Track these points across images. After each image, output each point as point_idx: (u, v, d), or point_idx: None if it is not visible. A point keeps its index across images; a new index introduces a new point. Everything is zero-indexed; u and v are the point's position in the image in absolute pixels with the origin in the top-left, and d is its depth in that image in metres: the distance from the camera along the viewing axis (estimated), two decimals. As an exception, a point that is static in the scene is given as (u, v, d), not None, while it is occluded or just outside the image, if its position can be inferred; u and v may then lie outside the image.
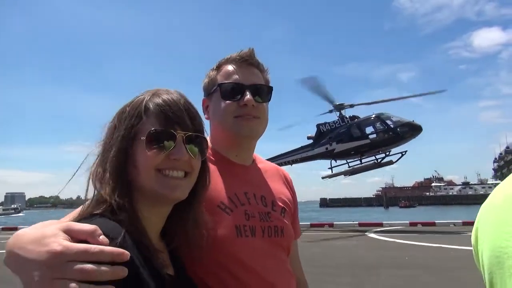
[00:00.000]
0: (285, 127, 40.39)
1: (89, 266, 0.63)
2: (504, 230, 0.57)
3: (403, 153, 22.54)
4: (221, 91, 1.19)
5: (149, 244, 0.80)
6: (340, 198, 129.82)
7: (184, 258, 0.98)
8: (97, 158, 0.89)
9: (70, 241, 0.66)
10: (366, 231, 17.53)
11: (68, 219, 0.85)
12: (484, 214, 0.66)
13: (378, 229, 18.49)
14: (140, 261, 0.72)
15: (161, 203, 0.89)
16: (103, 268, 0.64)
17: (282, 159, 24.49)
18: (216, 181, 1.08)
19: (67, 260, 0.63)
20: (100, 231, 0.68)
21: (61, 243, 0.65)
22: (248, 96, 1.16)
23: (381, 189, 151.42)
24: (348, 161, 23.54)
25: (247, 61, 1.22)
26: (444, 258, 9.52)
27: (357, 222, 22.05)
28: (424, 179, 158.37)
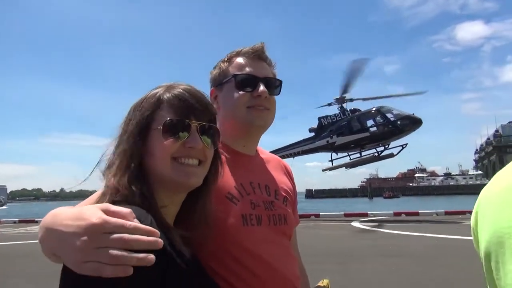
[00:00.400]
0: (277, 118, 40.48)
1: (127, 235, 0.68)
2: (506, 212, 0.59)
3: (404, 146, 22.83)
4: (235, 81, 1.24)
5: (170, 229, 0.84)
6: (325, 189, 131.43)
7: (192, 245, 0.99)
8: (115, 148, 0.92)
9: None
10: (351, 221, 17.80)
11: None
12: (485, 198, 0.68)
13: (364, 219, 18.81)
14: (164, 241, 0.75)
15: (177, 190, 0.94)
16: (140, 237, 0.69)
17: (284, 151, 24.94)
18: (224, 172, 1.10)
19: (105, 232, 0.68)
20: (134, 215, 0.73)
21: (100, 216, 0.69)
22: (262, 87, 1.21)
23: (366, 180, 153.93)
24: (349, 153, 23.81)
25: (259, 55, 1.27)
26: (427, 246, 9.74)
27: (342, 213, 22.42)
28: (408, 170, 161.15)
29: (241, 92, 1.23)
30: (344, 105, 24.08)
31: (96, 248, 0.67)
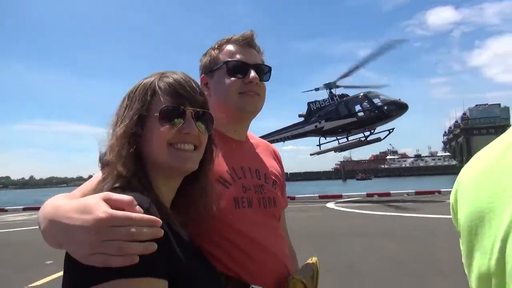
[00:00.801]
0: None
1: (133, 228, 0.70)
2: (485, 190, 0.64)
3: (391, 130, 23.41)
4: (227, 68, 1.26)
5: (169, 213, 0.87)
6: (300, 172, 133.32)
7: (188, 228, 1.02)
8: (112, 135, 0.93)
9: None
10: (326, 202, 18.21)
11: (80, 194, 0.90)
12: (465, 177, 0.73)
13: (338, 201, 19.25)
14: (164, 227, 0.78)
15: (173, 175, 0.96)
16: (145, 229, 0.72)
17: (275, 136, 25.50)
18: (216, 156, 1.12)
19: (111, 225, 0.70)
20: (135, 202, 0.75)
21: (105, 210, 0.71)
22: (253, 73, 1.24)
23: (339, 162, 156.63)
24: (338, 138, 24.35)
25: (248, 42, 1.30)
26: (399, 225, 10.12)
27: (317, 195, 22.84)
28: (380, 152, 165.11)
29: (232, 79, 1.25)
30: (333, 90, 24.62)
31: (103, 241, 0.69)
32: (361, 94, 23.53)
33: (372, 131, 23.49)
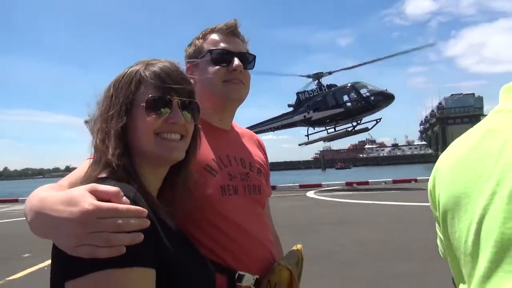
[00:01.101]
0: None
1: (120, 221, 0.71)
2: (461, 177, 0.68)
3: (378, 120, 23.80)
4: (211, 56, 1.27)
5: (155, 203, 0.88)
6: (280, 162, 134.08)
7: (175, 216, 1.03)
8: (96, 126, 0.93)
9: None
10: (306, 191, 18.45)
11: (67, 184, 0.90)
12: (443, 165, 0.76)
13: (318, 190, 19.52)
14: (151, 216, 0.79)
15: (159, 165, 0.97)
16: (132, 220, 0.72)
17: (264, 126, 25.91)
18: (202, 145, 1.13)
19: (98, 217, 0.70)
20: (122, 193, 0.75)
21: (92, 202, 0.71)
22: (237, 61, 1.26)
23: (319, 152, 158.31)
24: (327, 128, 24.69)
25: (232, 31, 1.31)
26: (378, 213, 10.36)
27: (298, 184, 23.06)
28: (359, 141, 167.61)
29: (216, 67, 1.26)
30: (321, 80, 24.88)
31: (90, 233, 0.70)
32: (349, 84, 23.77)
33: (359, 121, 23.81)
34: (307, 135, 25.39)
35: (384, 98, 22.84)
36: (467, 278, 0.65)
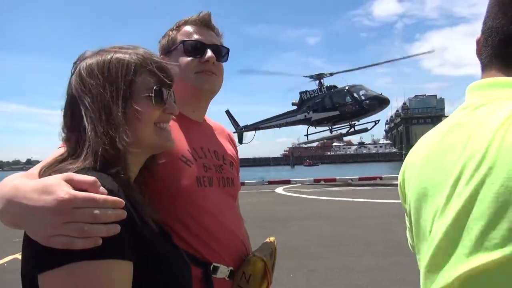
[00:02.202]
0: (245, 70, 42.80)
1: (97, 210, 0.69)
2: (428, 171, 0.72)
3: (377, 121, 25.22)
4: (184, 47, 1.27)
5: (135, 195, 0.85)
6: (249, 158, 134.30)
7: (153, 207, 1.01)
8: (88, 114, 0.86)
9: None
10: (275, 188, 18.59)
11: (38, 173, 0.84)
12: (411, 160, 0.81)
13: (287, 186, 19.75)
14: (128, 207, 0.77)
15: (149, 154, 0.97)
16: (109, 211, 0.70)
17: (271, 122, 27.67)
18: (176, 136, 1.12)
19: (74, 207, 0.68)
20: (99, 183, 0.73)
21: (68, 191, 0.69)
22: (210, 53, 1.26)
23: (288, 149, 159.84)
24: (330, 128, 25.91)
25: (206, 24, 1.32)
26: (344, 209, 10.62)
27: (267, 180, 23.22)
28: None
29: (189, 58, 1.26)
30: (322, 80, 25.97)
31: (65, 223, 0.67)
32: (346, 87, 24.68)
33: (356, 122, 24.82)
34: (307, 135, 26.96)
35: (378, 103, 23.89)
36: (426, 266, 0.68)
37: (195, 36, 1.28)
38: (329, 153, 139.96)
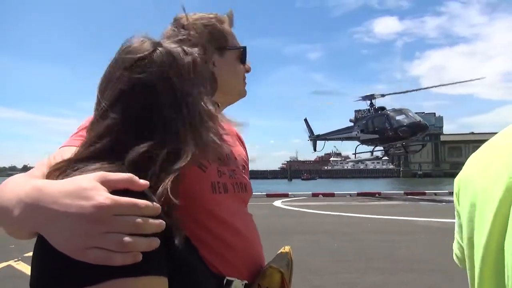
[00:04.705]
0: (321, 92, 46.69)
1: (139, 219, 0.60)
2: (488, 175, 0.70)
3: (424, 144, 27.80)
4: (242, 54, 1.27)
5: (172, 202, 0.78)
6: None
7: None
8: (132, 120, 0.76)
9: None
10: (273, 201, 18.51)
11: (41, 174, 0.74)
12: (468, 168, 0.80)
13: (285, 199, 19.67)
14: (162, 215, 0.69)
15: None
16: (151, 221, 0.62)
17: (334, 135, 31.89)
18: None
19: (114, 214, 0.60)
20: (136, 177, 0.65)
21: (107, 196, 0.60)
22: (249, 63, 1.27)
23: (286, 162, 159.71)
24: (385, 149, 28.00)
25: (233, 26, 1.31)
26: (342, 224, 10.53)
27: (265, 193, 23.13)
28: (325, 154, 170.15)
29: (241, 66, 1.26)
30: (374, 101, 28.05)
31: (103, 233, 0.59)
32: (387, 112, 26.25)
33: (403, 143, 25.96)
34: (355, 153, 30.08)
35: (412, 131, 24.73)
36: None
37: (237, 41, 1.27)
38: (326, 167, 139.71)
